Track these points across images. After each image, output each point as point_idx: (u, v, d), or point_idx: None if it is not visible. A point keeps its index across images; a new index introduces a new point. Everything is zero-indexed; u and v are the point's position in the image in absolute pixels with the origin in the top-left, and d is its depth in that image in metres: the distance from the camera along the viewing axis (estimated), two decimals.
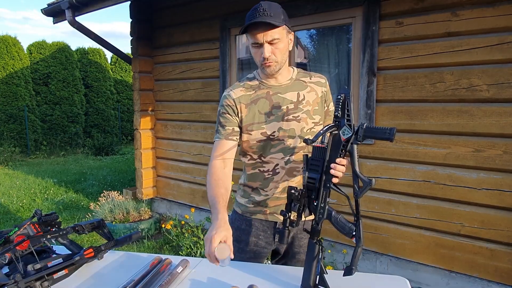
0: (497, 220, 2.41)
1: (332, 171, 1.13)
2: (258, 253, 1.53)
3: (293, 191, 1.20)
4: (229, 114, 1.42)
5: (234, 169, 1.46)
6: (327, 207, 1.17)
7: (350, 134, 1.10)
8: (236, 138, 1.43)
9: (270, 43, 1.30)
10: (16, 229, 1.16)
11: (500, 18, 2.31)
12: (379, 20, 2.72)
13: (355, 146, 1.11)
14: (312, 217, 1.21)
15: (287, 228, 1.22)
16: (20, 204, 5.24)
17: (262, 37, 1.29)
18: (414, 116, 2.66)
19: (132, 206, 4.11)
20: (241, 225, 1.54)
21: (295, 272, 1.29)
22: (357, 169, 1.07)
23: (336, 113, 1.12)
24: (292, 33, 1.39)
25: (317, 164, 1.18)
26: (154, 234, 4.08)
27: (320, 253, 1.19)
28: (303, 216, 1.21)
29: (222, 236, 1.12)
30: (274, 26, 1.28)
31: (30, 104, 9.92)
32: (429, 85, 2.58)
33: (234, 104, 1.41)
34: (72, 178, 6.96)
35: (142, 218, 4.10)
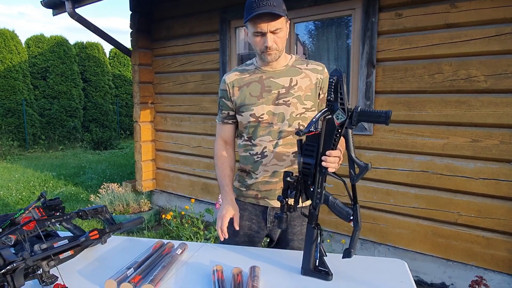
0: (493, 209, 2.45)
1: (323, 163, 1.13)
2: (252, 237, 1.55)
3: (288, 178, 1.19)
4: (224, 98, 1.53)
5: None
6: (324, 192, 1.17)
7: (344, 118, 1.07)
8: (232, 121, 1.55)
9: (273, 32, 1.34)
10: (22, 211, 1.18)
11: (498, 9, 2.32)
12: (379, 11, 2.74)
13: (349, 131, 1.07)
14: (308, 202, 1.22)
15: (285, 214, 1.23)
16: (20, 196, 5.25)
17: (266, 27, 1.32)
18: (413, 107, 2.68)
19: (132, 198, 4.13)
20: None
21: (295, 255, 1.32)
22: (353, 154, 1.05)
23: (329, 97, 1.08)
24: (289, 21, 1.43)
25: (312, 149, 1.16)
26: (154, 226, 4.10)
27: (319, 237, 1.21)
28: (300, 202, 1.22)
29: (231, 215, 1.41)
30: (278, 17, 1.31)
31: (28, 98, 9.89)
32: (427, 76, 2.60)
33: (227, 89, 1.50)
34: (71, 172, 6.97)
35: (142, 210, 4.13)
